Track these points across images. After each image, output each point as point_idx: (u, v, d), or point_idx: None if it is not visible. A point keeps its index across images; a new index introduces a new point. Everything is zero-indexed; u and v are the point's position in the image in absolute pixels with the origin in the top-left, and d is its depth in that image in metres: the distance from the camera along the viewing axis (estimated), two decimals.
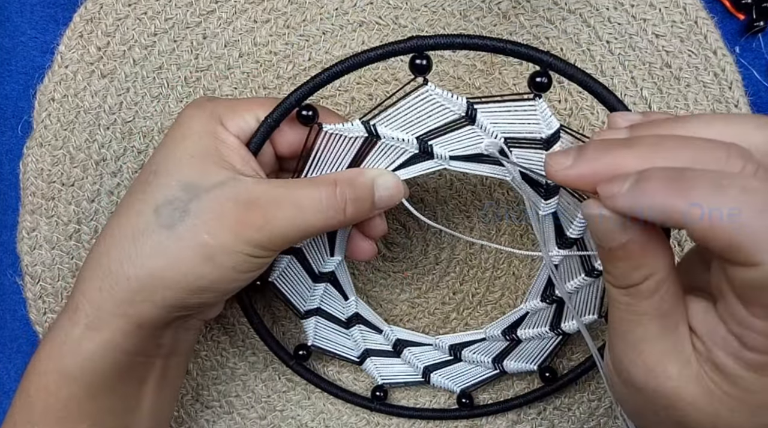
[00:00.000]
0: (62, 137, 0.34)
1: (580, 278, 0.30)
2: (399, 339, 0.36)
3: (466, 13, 0.34)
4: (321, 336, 0.35)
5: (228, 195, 0.25)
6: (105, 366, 0.26)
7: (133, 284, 0.25)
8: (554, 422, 0.37)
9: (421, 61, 0.26)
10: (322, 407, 0.37)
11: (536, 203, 0.29)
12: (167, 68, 0.34)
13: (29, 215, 0.35)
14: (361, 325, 0.35)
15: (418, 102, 0.26)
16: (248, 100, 0.28)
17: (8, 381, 0.37)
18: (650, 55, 0.34)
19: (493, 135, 0.27)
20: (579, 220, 0.28)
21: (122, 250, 0.26)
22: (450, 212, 0.36)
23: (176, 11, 0.34)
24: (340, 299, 0.34)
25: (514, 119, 0.26)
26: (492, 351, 0.35)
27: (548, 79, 0.25)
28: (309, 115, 0.27)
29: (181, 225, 0.25)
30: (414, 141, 0.28)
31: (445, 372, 0.36)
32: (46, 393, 0.26)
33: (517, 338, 0.34)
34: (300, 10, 0.34)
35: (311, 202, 0.26)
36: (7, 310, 0.37)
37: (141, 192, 0.26)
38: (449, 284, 0.37)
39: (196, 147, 0.26)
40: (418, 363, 0.36)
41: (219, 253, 0.25)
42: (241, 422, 0.37)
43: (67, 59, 0.34)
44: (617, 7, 0.34)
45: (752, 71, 0.35)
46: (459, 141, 0.28)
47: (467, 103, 0.26)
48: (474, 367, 0.36)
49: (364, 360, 0.36)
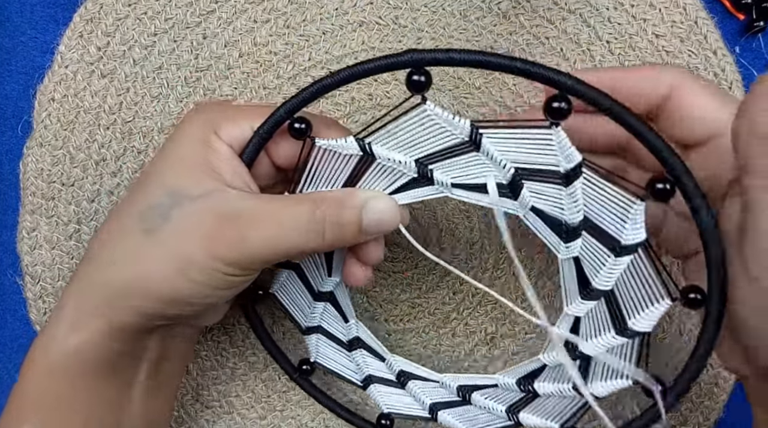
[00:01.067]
0: (62, 137, 0.34)
1: (609, 336, 0.25)
2: (403, 370, 0.33)
3: (466, 13, 0.34)
4: (323, 354, 0.33)
5: (209, 207, 0.25)
6: (87, 364, 0.26)
7: (109, 289, 0.25)
8: None
9: (419, 77, 0.23)
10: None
11: (555, 246, 0.25)
12: (167, 68, 0.34)
13: (29, 215, 0.35)
14: (363, 350, 0.33)
15: (416, 122, 0.24)
16: (247, 108, 0.27)
17: (8, 380, 0.37)
18: (650, 55, 0.34)
19: (501, 164, 0.24)
20: (608, 269, 0.24)
21: (105, 253, 0.26)
22: (450, 212, 0.36)
23: (176, 11, 0.34)
24: (341, 321, 0.33)
25: (526, 148, 0.23)
26: (506, 400, 0.31)
27: (568, 104, 0.21)
28: (301, 127, 0.25)
29: (159, 231, 0.25)
30: (412, 164, 0.25)
31: (455, 413, 0.32)
32: (37, 385, 0.26)
33: (533, 391, 0.29)
34: (300, 10, 0.34)
35: (292, 220, 0.25)
36: (7, 310, 0.37)
37: (130, 196, 0.26)
38: (449, 284, 0.37)
39: (187, 154, 0.26)
40: (425, 398, 0.32)
41: (192, 268, 0.24)
42: (241, 422, 0.37)
43: (67, 59, 0.34)
44: (617, 7, 0.34)
45: (752, 71, 0.35)
46: (463, 168, 0.25)
47: (471, 127, 0.23)
48: (484, 413, 0.31)
49: (368, 386, 0.33)
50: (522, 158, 0.23)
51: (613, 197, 0.23)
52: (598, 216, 0.24)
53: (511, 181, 0.24)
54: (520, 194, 0.24)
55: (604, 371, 0.26)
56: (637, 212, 0.22)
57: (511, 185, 0.24)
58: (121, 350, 0.27)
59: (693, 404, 0.36)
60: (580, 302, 0.26)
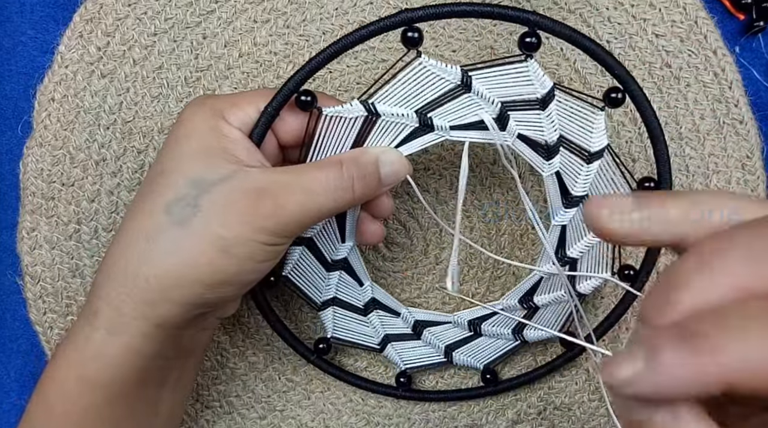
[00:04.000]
0: (62, 137, 0.34)
1: (589, 236, 0.30)
2: (417, 320, 0.36)
3: None
4: (340, 326, 0.35)
5: (236, 186, 0.25)
6: (126, 372, 0.26)
7: (151, 284, 0.25)
8: (554, 422, 0.37)
9: (413, 34, 0.26)
10: (322, 407, 0.37)
11: (539, 165, 0.29)
12: (167, 68, 0.34)
13: (29, 215, 0.35)
14: (379, 310, 0.35)
15: (414, 75, 0.27)
16: (248, 93, 0.28)
17: (8, 381, 0.37)
18: (650, 55, 0.34)
19: (490, 101, 0.27)
20: (583, 176, 0.28)
21: (138, 252, 0.26)
22: (450, 212, 0.36)
23: (176, 11, 0.34)
24: (355, 286, 0.34)
25: (508, 82, 0.27)
26: (511, 323, 0.35)
27: (537, 38, 0.26)
28: (308, 100, 0.27)
29: (193, 221, 0.25)
30: (413, 115, 0.28)
31: (467, 350, 0.35)
32: (66, 399, 0.26)
33: (534, 305, 0.33)
34: (300, 10, 0.34)
35: (319, 184, 0.26)
36: (7, 310, 0.37)
37: (150, 192, 0.26)
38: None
39: (201, 143, 0.26)
40: (439, 342, 0.35)
41: (234, 244, 0.25)
42: (241, 422, 0.37)
43: (67, 59, 0.34)
44: (617, 7, 0.34)
45: (752, 71, 0.35)
46: (457, 110, 0.28)
47: (462, 71, 0.26)
48: (495, 341, 0.35)
49: (384, 347, 0.35)
50: (505, 92, 0.27)
51: (579, 111, 0.27)
52: (570, 131, 0.28)
53: (499, 114, 0.28)
54: (507, 124, 0.28)
55: (588, 266, 0.32)
56: (599, 121, 0.27)
57: (500, 118, 0.28)
58: (158, 351, 0.27)
59: None
60: (563, 211, 0.30)
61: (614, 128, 0.35)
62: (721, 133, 0.35)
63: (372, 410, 0.37)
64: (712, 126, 0.35)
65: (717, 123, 0.35)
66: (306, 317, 0.37)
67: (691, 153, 0.35)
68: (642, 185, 0.30)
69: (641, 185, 0.30)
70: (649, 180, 0.30)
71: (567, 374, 0.36)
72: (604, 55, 0.27)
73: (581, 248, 0.31)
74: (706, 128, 0.35)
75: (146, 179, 0.27)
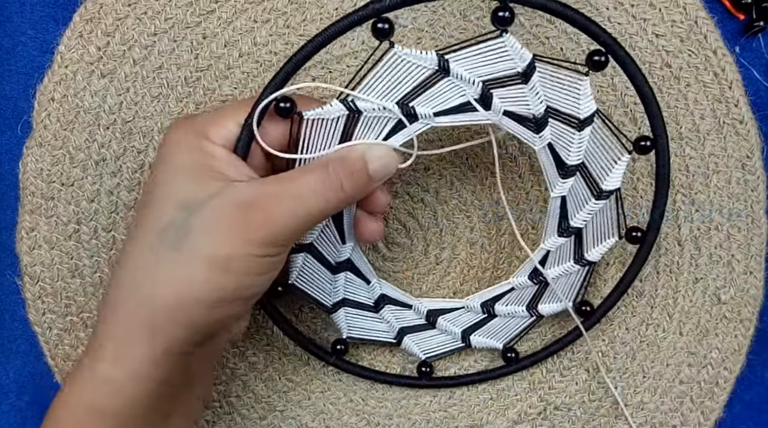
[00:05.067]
0: (62, 137, 0.34)
1: (591, 204, 0.31)
2: (430, 309, 0.36)
3: (465, 13, 0.34)
4: (353, 325, 0.35)
5: (225, 203, 0.25)
6: (134, 400, 0.26)
7: (154, 310, 0.25)
8: (555, 422, 0.37)
9: (383, 25, 0.25)
10: (322, 407, 0.37)
11: (530, 139, 0.29)
12: (167, 68, 0.34)
13: (28, 215, 0.35)
14: (390, 305, 0.35)
15: (390, 66, 0.26)
16: (227, 108, 0.28)
17: (7, 381, 0.37)
18: (650, 55, 0.34)
19: (470, 81, 0.27)
20: (576, 145, 0.29)
21: (137, 280, 0.26)
22: (450, 212, 0.36)
23: (176, 11, 0.34)
24: (363, 285, 0.34)
25: (487, 60, 0.27)
26: (524, 299, 0.35)
27: (510, 12, 0.25)
28: (287, 107, 0.27)
29: (186, 244, 0.25)
30: (395, 107, 0.27)
31: (484, 331, 0.36)
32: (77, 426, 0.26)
33: (544, 279, 0.33)
34: (300, 10, 0.34)
35: (308, 188, 0.26)
36: (6, 310, 0.37)
37: (143, 221, 0.26)
38: (450, 284, 0.37)
39: (187, 165, 0.26)
40: (455, 328, 0.35)
41: (228, 261, 0.25)
42: (241, 422, 0.37)
43: (67, 59, 0.34)
44: (617, 7, 0.34)
45: (752, 71, 0.35)
46: (440, 95, 0.28)
47: (437, 55, 0.26)
48: (510, 320, 0.35)
49: (401, 340, 0.35)
50: (485, 70, 0.27)
51: (564, 79, 0.27)
52: (557, 101, 0.28)
53: (481, 94, 0.27)
54: (491, 103, 0.28)
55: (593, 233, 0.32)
56: (585, 87, 0.27)
57: (482, 97, 0.28)
58: (166, 378, 0.26)
59: (693, 404, 0.36)
60: (561, 182, 0.30)
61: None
62: (721, 133, 0.35)
63: (372, 410, 0.37)
64: (712, 126, 0.35)
65: (717, 123, 0.35)
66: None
67: (691, 153, 0.35)
68: (638, 145, 0.30)
69: (637, 144, 0.30)
70: (645, 139, 0.30)
71: (567, 374, 0.36)
72: (585, 22, 0.26)
73: (584, 216, 0.31)
74: (706, 128, 0.35)
75: (138, 207, 0.28)
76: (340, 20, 0.26)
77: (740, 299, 0.36)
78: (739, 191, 0.35)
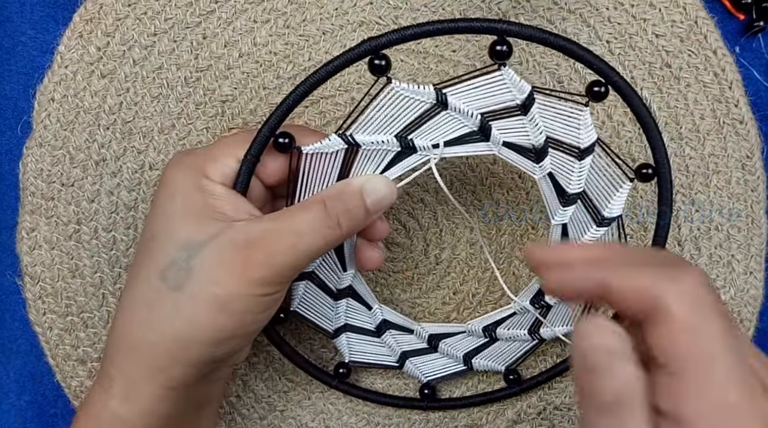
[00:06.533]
0: (62, 137, 0.34)
1: (592, 230, 0.30)
2: (432, 334, 0.36)
3: (465, 13, 0.34)
4: (355, 350, 0.35)
5: (225, 243, 0.26)
6: None
7: (158, 350, 0.26)
8: (554, 422, 0.37)
9: (379, 62, 0.26)
10: (322, 407, 0.37)
11: (530, 169, 0.29)
12: (167, 68, 0.34)
13: (29, 215, 0.35)
14: (392, 330, 0.35)
15: (387, 101, 0.26)
16: (224, 142, 0.28)
17: (7, 381, 0.37)
18: (650, 55, 0.34)
19: (469, 114, 0.27)
20: (577, 173, 0.29)
21: (140, 320, 0.26)
22: (450, 213, 0.36)
23: (176, 11, 0.34)
24: (365, 311, 0.35)
25: (486, 93, 0.27)
26: (526, 323, 0.35)
27: (508, 46, 0.25)
28: (285, 142, 0.27)
29: (188, 284, 0.26)
30: (393, 140, 0.28)
31: (486, 355, 0.36)
32: None
33: (546, 303, 0.33)
34: (300, 10, 0.34)
35: (306, 225, 0.26)
36: (6, 310, 0.37)
37: (145, 259, 0.27)
38: (450, 284, 0.37)
39: (186, 205, 0.27)
40: (456, 352, 0.35)
41: (230, 301, 0.26)
42: (241, 422, 0.37)
43: (67, 59, 0.34)
44: (617, 7, 0.34)
45: (752, 71, 0.35)
46: (438, 128, 0.28)
47: (435, 90, 0.26)
48: (512, 343, 0.35)
49: (403, 364, 0.36)
50: (484, 102, 0.27)
51: (564, 110, 0.27)
52: (557, 131, 0.28)
53: (480, 126, 0.28)
54: (490, 134, 0.28)
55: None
56: (585, 117, 0.27)
57: (481, 129, 0.28)
58: (172, 412, 0.27)
59: None
60: (562, 210, 0.30)
61: (614, 128, 0.35)
62: (721, 133, 0.35)
63: (372, 410, 0.37)
64: (712, 126, 0.35)
65: (717, 123, 0.35)
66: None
67: (691, 153, 0.35)
68: (640, 173, 0.29)
69: (639, 172, 0.29)
70: (647, 167, 0.29)
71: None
72: (582, 53, 0.26)
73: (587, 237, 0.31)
74: (706, 128, 0.35)
75: (140, 245, 0.28)
76: (336, 58, 0.26)
77: (740, 299, 0.36)
78: (739, 191, 0.35)
